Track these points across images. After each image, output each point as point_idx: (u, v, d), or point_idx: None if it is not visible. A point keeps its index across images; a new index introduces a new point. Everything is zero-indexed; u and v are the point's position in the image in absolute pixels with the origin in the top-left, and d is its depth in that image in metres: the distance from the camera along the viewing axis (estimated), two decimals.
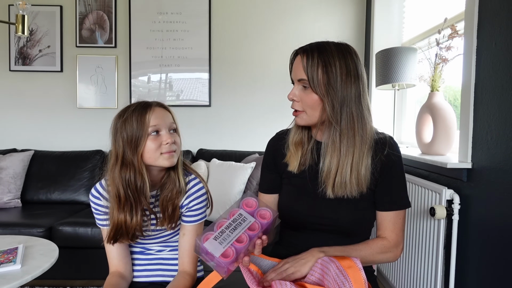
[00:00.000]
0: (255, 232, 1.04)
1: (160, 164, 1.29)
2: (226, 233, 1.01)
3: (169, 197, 1.33)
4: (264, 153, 1.40)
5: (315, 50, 1.17)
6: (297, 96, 1.20)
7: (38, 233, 2.64)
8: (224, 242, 0.99)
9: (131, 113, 1.26)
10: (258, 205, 1.10)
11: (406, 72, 2.48)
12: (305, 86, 1.18)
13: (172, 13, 3.59)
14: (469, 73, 1.80)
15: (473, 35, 1.79)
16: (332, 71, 1.14)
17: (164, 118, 1.29)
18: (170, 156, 1.28)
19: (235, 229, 1.02)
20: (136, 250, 1.47)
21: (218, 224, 1.04)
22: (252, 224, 1.05)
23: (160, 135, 1.28)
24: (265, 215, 1.08)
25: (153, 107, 1.29)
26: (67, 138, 3.69)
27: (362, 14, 3.56)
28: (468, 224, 1.81)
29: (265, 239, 1.06)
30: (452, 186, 1.91)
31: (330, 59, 1.14)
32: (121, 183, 1.26)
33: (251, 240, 1.02)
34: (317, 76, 1.14)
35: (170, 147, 1.28)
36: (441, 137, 2.08)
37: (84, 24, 3.60)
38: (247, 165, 2.89)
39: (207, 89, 3.64)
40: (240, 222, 1.04)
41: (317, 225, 1.25)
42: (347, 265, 1.08)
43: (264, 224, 1.06)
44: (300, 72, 1.18)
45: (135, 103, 1.30)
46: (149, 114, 1.26)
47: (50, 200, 3.29)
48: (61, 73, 3.64)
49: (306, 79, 1.16)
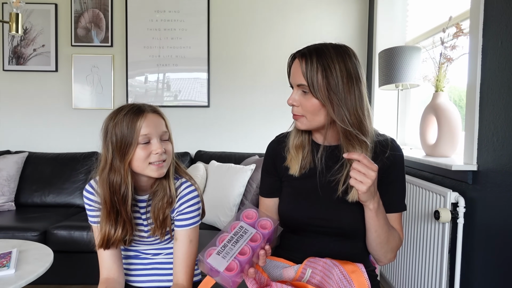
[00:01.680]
0: (257, 243, 1.06)
1: (148, 174, 1.29)
2: (228, 247, 1.03)
3: (160, 206, 1.33)
4: (264, 157, 1.41)
5: (313, 54, 1.16)
6: (297, 101, 1.20)
7: (32, 237, 2.64)
8: (227, 256, 1.01)
9: (122, 117, 1.25)
10: (258, 215, 1.12)
11: (409, 72, 2.49)
12: (305, 91, 1.18)
13: (170, 11, 3.60)
14: (474, 73, 1.81)
15: (478, 33, 1.79)
16: (332, 74, 1.13)
17: (156, 126, 1.28)
18: (158, 168, 1.28)
19: (237, 242, 1.04)
20: (131, 254, 1.47)
21: (220, 239, 1.06)
22: (254, 235, 1.07)
23: (150, 144, 1.27)
24: (266, 225, 1.10)
25: (145, 113, 1.27)
26: (62, 139, 3.69)
27: (365, 12, 3.57)
28: (474, 228, 1.81)
29: (268, 249, 1.07)
30: (457, 188, 1.91)
31: (330, 63, 1.14)
32: (108, 187, 1.27)
33: (254, 252, 1.04)
34: (317, 81, 1.14)
35: (159, 157, 1.27)
36: (445, 138, 2.08)
37: (79, 22, 3.60)
38: (246, 167, 2.89)
39: (206, 89, 3.64)
40: (241, 234, 1.06)
41: (318, 228, 1.25)
42: (351, 270, 1.08)
43: (265, 234, 1.08)
44: (299, 77, 1.17)
45: (127, 106, 1.29)
46: (140, 121, 1.25)
47: (45, 203, 3.29)
48: (56, 73, 3.65)
49: (305, 84, 1.15)
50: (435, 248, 1.96)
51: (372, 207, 1.13)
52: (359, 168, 1.06)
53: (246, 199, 2.80)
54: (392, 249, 1.23)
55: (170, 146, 1.33)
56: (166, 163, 1.31)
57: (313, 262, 1.19)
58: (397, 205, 1.26)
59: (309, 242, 1.28)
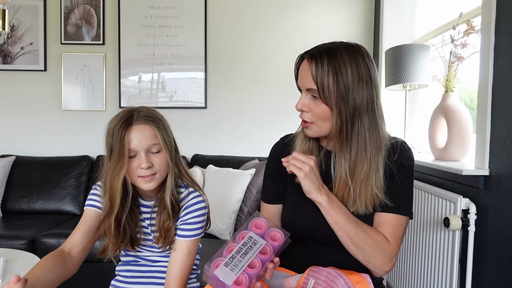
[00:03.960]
0: (267, 256, 1.03)
1: (139, 186, 1.32)
2: (237, 259, 1.00)
3: (161, 217, 1.36)
4: (267, 161, 1.40)
5: (324, 56, 1.14)
6: (306, 106, 1.19)
7: (20, 246, 2.63)
8: (236, 268, 0.99)
9: (113, 128, 1.27)
10: (268, 226, 1.09)
11: (418, 72, 2.49)
12: (315, 96, 1.17)
13: (165, 7, 3.61)
14: (486, 72, 1.81)
15: (490, 31, 1.79)
16: (343, 79, 1.12)
17: (142, 139, 1.28)
18: (146, 181, 1.30)
19: (246, 254, 1.02)
20: (130, 259, 1.48)
21: (227, 249, 1.03)
22: (264, 247, 1.05)
23: (136, 157, 1.28)
24: (275, 237, 1.08)
25: (133, 126, 1.27)
26: (51, 142, 3.69)
27: (371, 8, 3.57)
28: (485, 236, 1.81)
29: (277, 262, 1.06)
30: (468, 194, 1.91)
31: (341, 65, 1.12)
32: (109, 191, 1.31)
33: (263, 265, 1.02)
34: (328, 86, 1.13)
35: (145, 172, 1.28)
36: (456, 141, 2.08)
37: (69, 19, 3.61)
38: (246, 172, 2.89)
39: (203, 89, 3.64)
40: (251, 245, 1.04)
41: (321, 238, 1.25)
42: (356, 281, 1.08)
43: (276, 246, 1.06)
44: (309, 81, 1.16)
45: (121, 114, 1.31)
46: (128, 135, 1.26)
47: (33, 209, 3.29)
48: (44, 72, 3.65)
49: (315, 89, 1.14)
50: (445, 257, 1.96)
51: (321, 200, 1.15)
52: (298, 156, 1.14)
53: (246, 206, 2.80)
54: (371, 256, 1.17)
55: (160, 158, 1.32)
56: (157, 176, 1.31)
57: (316, 272, 1.19)
58: (395, 207, 1.20)
59: (313, 252, 1.28)
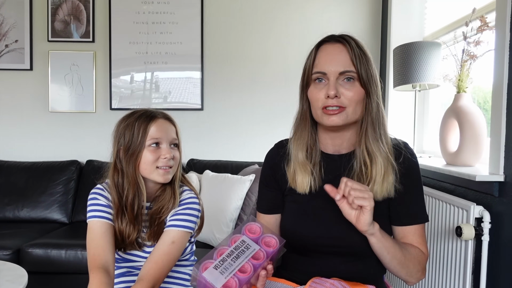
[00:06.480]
0: (260, 261, 1.04)
1: (154, 178, 1.43)
2: (227, 262, 1.01)
3: (159, 211, 1.44)
4: (262, 168, 1.41)
5: (351, 41, 1.21)
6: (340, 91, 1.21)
7: (4, 256, 2.63)
8: (226, 271, 1.00)
9: (134, 120, 1.42)
10: (263, 231, 1.11)
11: (428, 71, 2.49)
12: (350, 78, 1.20)
13: (159, 2, 3.61)
14: (501, 72, 1.81)
15: (505, 27, 1.80)
16: (371, 64, 1.21)
17: (167, 131, 1.44)
18: (165, 173, 1.42)
19: (238, 258, 1.03)
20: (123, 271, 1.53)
21: (218, 252, 1.04)
22: (257, 252, 1.06)
23: (160, 148, 1.42)
24: (270, 243, 1.09)
25: (157, 118, 1.43)
26: (37, 146, 3.69)
27: (378, 3, 3.58)
28: (500, 246, 1.81)
29: (270, 269, 1.06)
30: (482, 202, 1.91)
31: (366, 52, 1.21)
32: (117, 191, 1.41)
33: (255, 271, 1.02)
34: (366, 67, 1.19)
35: (167, 162, 1.41)
36: (469, 145, 2.08)
37: (57, 15, 3.62)
38: (245, 178, 2.89)
39: (199, 90, 3.65)
40: (243, 249, 1.05)
41: (326, 247, 1.25)
42: None
43: (269, 252, 1.07)
44: (343, 63, 1.20)
45: (141, 110, 1.46)
46: (152, 125, 1.41)
47: (18, 218, 3.28)
48: (30, 71, 3.66)
49: (353, 70, 1.19)
50: (457, 268, 1.96)
51: (375, 230, 1.14)
52: (355, 186, 1.08)
53: (245, 214, 2.80)
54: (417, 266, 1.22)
55: (178, 154, 1.48)
56: (172, 170, 1.45)
57: (319, 284, 1.19)
58: (417, 216, 1.26)
59: (316, 263, 1.28)
